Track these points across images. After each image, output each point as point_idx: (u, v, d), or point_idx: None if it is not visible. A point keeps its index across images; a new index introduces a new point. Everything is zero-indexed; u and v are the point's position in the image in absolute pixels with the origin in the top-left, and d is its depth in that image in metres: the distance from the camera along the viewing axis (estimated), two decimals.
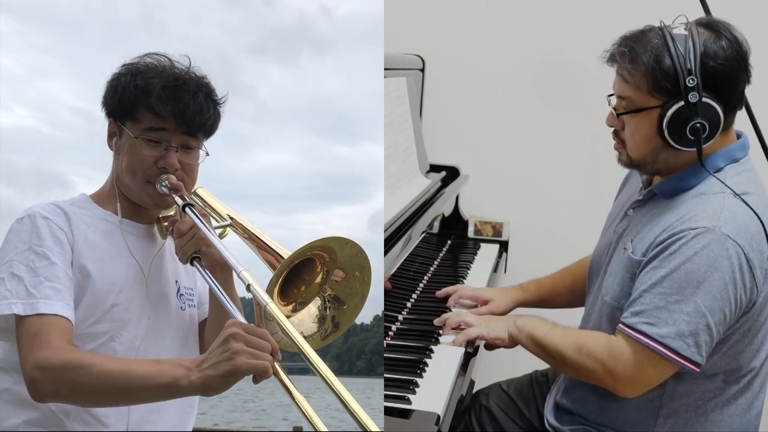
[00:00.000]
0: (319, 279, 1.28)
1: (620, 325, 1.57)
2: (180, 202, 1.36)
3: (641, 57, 1.54)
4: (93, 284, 1.31)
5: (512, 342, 1.74)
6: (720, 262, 1.47)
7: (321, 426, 1.05)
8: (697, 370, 1.51)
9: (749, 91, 2.10)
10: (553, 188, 3.03)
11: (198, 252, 1.33)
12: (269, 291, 1.19)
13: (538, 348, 1.69)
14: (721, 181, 1.55)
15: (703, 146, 1.53)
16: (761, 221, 1.51)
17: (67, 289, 1.28)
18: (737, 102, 1.58)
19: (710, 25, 1.56)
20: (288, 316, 1.22)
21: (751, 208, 1.51)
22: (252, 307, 1.22)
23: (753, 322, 1.57)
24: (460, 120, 3.07)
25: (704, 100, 1.50)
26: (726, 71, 1.52)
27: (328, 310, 1.28)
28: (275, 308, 1.14)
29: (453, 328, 1.83)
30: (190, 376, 1.11)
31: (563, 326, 1.70)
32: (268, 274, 1.24)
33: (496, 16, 2.99)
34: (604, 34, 1.71)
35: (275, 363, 1.11)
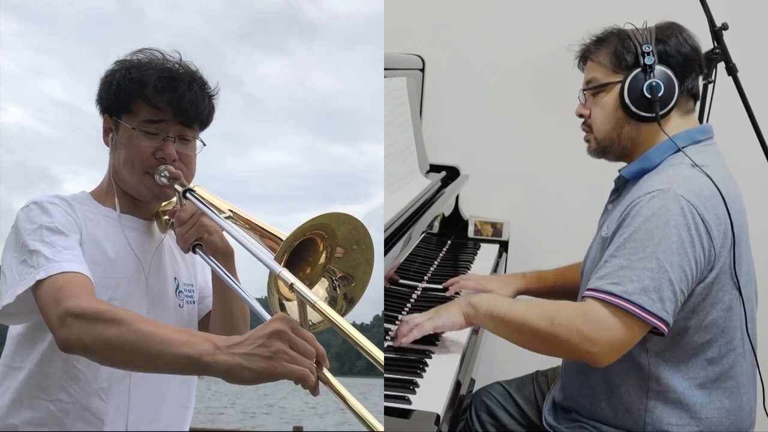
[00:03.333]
0: (323, 259, 1.25)
1: (587, 291, 1.56)
2: (180, 188, 1.36)
3: (607, 39, 1.73)
4: (93, 278, 1.31)
5: (469, 323, 1.70)
6: (676, 218, 1.52)
7: (378, 426, 1.01)
8: (666, 328, 1.51)
9: (749, 91, 2.10)
10: (553, 188, 3.03)
11: (200, 239, 1.33)
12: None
13: (500, 325, 1.63)
14: (682, 151, 1.64)
15: (661, 116, 1.65)
16: (717, 187, 1.57)
17: (83, 259, 1.27)
18: (693, 83, 1.70)
19: (666, 23, 1.72)
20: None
21: (707, 175, 1.58)
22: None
23: (718, 290, 1.58)
24: (460, 120, 3.06)
25: (659, 66, 1.65)
26: (680, 49, 1.67)
27: (337, 289, 1.26)
28: (324, 305, 1.07)
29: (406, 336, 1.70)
30: (216, 354, 1.03)
31: (524, 300, 1.66)
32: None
33: (497, 16, 2.99)
34: None
35: (324, 370, 1.05)
